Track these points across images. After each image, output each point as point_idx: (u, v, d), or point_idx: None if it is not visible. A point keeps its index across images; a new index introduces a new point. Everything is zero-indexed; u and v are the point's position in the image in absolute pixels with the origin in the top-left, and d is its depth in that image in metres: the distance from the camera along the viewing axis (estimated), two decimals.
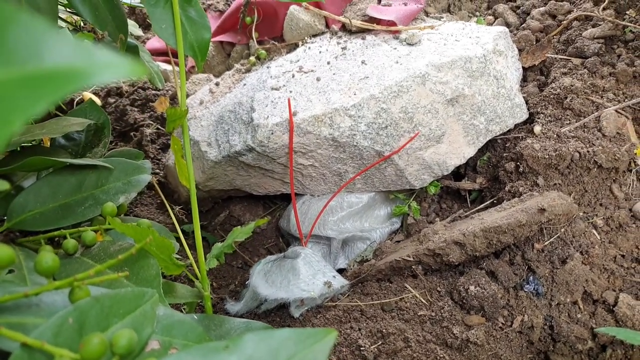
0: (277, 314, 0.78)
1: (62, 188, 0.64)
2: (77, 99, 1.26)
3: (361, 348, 0.70)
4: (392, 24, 0.93)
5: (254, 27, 1.12)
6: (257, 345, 0.33)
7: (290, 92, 0.85)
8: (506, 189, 0.81)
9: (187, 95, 1.18)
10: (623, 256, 0.74)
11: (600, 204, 0.77)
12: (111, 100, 1.28)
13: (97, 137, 0.80)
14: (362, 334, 0.72)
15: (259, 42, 1.14)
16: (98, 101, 1.21)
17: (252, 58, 1.10)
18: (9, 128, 0.17)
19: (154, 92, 1.25)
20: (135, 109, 1.22)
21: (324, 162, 0.85)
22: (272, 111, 0.82)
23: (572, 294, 0.71)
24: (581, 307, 0.71)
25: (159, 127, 1.19)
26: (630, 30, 0.86)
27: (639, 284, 0.71)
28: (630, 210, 0.75)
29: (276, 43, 1.09)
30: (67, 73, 0.18)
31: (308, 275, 0.77)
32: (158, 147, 1.16)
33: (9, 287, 0.43)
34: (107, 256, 0.56)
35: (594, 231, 0.75)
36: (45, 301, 0.42)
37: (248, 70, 1.09)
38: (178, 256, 0.61)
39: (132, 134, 1.18)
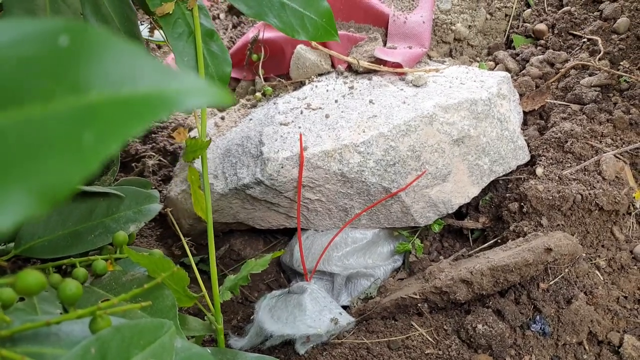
0: (282, 351, 0.77)
1: (72, 215, 0.63)
2: None
3: None
4: (399, 65, 0.96)
5: (260, 64, 1.15)
6: (101, 343, 0.33)
7: (299, 127, 0.87)
8: (510, 228, 0.82)
9: (190, 129, 1.19)
10: (626, 297, 0.75)
11: (602, 245, 0.78)
12: None
13: (105, 166, 0.80)
14: None
15: (265, 79, 1.17)
16: None
17: (258, 94, 1.12)
18: (106, 150, 0.17)
19: (157, 123, 1.25)
20: (137, 140, 1.23)
21: (331, 197, 0.85)
22: (282, 145, 0.83)
23: (578, 334, 0.71)
24: (587, 348, 0.72)
25: (161, 158, 1.19)
26: (625, 80, 0.91)
27: None
28: (631, 252, 0.77)
29: (282, 80, 1.12)
30: (159, 98, 0.19)
31: (314, 312, 0.76)
32: (159, 178, 1.15)
33: (24, 316, 0.42)
34: (118, 286, 0.56)
35: (597, 272, 0.76)
36: (64, 330, 0.41)
37: (254, 106, 1.11)
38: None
39: (133, 164, 1.18)
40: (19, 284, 0.31)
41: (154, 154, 1.20)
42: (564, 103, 0.93)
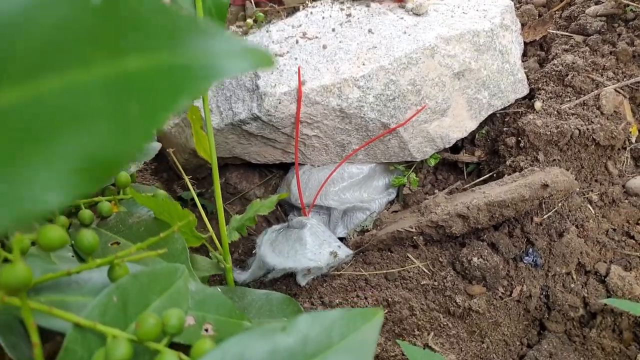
0: (283, 282, 0.79)
1: None
2: None
3: None
4: None
5: None
6: (311, 326, 0.34)
7: (296, 59, 0.84)
8: (507, 163, 0.83)
9: None
10: (615, 230, 0.77)
11: (596, 180, 0.80)
12: None
13: None
14: (368, 303, 0.74)
15: (256, 4, 1.11)
16: None
17: (250, 21, 1.06)
18: (153, 122, 0.16)
19: None
20: None
21: (328, 133, 0.84)
22: (278, 79, 0.80)
23: (567, 265, 0.75)
24: (574, 277, 0.75)
25: None
26: (632, 10, 0.88)
27: (628, 256, 0.75)
28: (624, 186, 0.79)
29: (275, 6, 1.06)
30: (204, 65, 0.17)
31: (314, 246, 0.78)
32: None
33: (43, 265, 0.42)
34: (125, 228, 0.55)
35: (589, 206, 0.78)
36: (83, 278, 0.41)
37: (245, 33, 1.06)
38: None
39: None
40: (42, 240, 0.30)
41: None
42: (566, 34, 0.90)
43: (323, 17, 0.94)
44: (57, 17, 0.15)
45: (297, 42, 0.88)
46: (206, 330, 0.44)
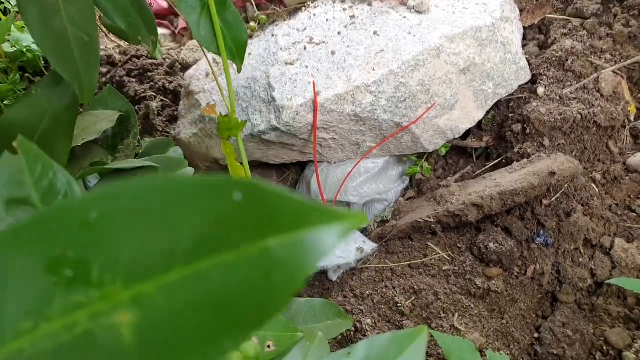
0: (317, 279, 0.86)
1: None
2: None
3: (398, 305, 0.79)
4: None
5: None
6: (370, 349, 0.41)
7: (306, 67, 0.88)
8: (515, 150, 0.88)
9: (189, 66, 1.17)
10: (617, 205, 0.84)
11: (598, 160, 0.86)
12: (103, 69, 1.25)
13: (125, 128, 0.81)
14: (397, 292, 0.81)
15: (257, 6, 1.13)
16: None
17: (253, 24, 1.09)
18: (294, 286, 0.22)
19: (150, 61, 1.23)
20: (133, 80, 1.21)
21: (344, 135, 0.89)
22: (293, 90, 0.84)
23: (576, 242, 0.81)
24: (582, 252, 0.82)
25: (162, 98, 1.18)
26: None
27: (630, 228, 0.82)
28: (624, 163, 0.85)
29: (276, 8, 1.08)
30: (323, 236, 0.23)
31: (342, 244, 0.84)
32: (165, 119, 1.16)
33: None
34: None
35: (593, 185, 0.84)
36: None
37: (250, 37, 1.09)
38: None
39: (136, 107, 1.17)
40: None
41: (154, 94, 1.19)
42: (564, 17, 0.94)
43: (327, 20, 0.97)
44: (210, 210, 0.21)
45: (305, 48, 0.91)
46: (268, 346, 0.51)
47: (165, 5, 1.40)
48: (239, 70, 0.64)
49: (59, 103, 0.52)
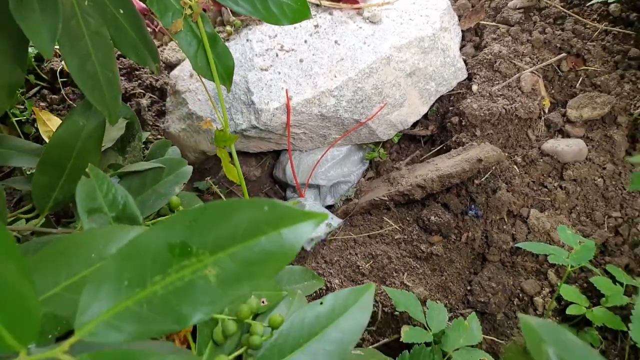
0: None
1: (131, 189, 0.83)
2: (58, 69, 1.35)
3: (359, 267, 0.99)
4: (355, 1, 1.10)
5: None
6: (335, 299, 0.59)
7: (279, 73, 1.03)
8: (453, 138, 1.07)
9: (173, 65, 1.31)
10: (533, 182, 1.04)
11: (519, 146, 1.05)
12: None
13: (130, 132, 0.96)
14: (358, 257, 1.00)
15: (232, 11, 1.26)
16: None
17: (229, 28, 1.23)
18: (293, 254, 0.39)
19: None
20: (122, 78, 1.34)
21: (313, 130, 1.06)
22: (269, 95, 1.00)
23: (500, 213, 1.02)
24: (506, 221, 1.03)
25: (151, 95, 1.32)
26: (546, 0, 1.09)
27: (543, 201, 1.03)
28: (539, 148, 1.05)
29: None
30: (307, 225, 0.40)
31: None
32: (154, 114, 1.30)
33: None
34: None
35: (515, 166, 1.04)
36: None
37: (226, 40, 1.23)
38: None
39: (127, 104, 1.31)
40: None
41: (142, 91, 1.32)
42: (494, 24, 1.12)
43: (294, 27, 1.12)
44: (251, 214, 0.38)
45: (277, 55, 1.07)
46: (263, 302, 0.69)
47: (143, 5, 1.51)
48: (229, 91, 0.80)
49: (90, 125, 0.68)
